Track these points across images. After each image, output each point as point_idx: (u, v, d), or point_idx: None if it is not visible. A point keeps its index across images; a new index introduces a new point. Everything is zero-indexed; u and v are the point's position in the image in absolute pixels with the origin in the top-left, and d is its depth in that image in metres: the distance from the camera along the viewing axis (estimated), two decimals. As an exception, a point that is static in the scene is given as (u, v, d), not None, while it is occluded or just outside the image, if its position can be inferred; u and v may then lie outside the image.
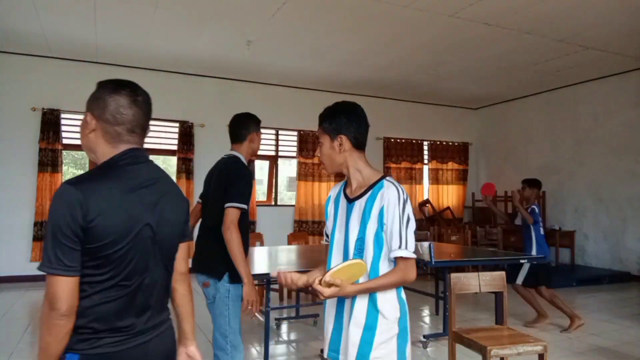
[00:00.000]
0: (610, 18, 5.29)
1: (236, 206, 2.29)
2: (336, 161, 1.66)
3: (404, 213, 1.53)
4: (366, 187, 1.60)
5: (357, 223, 1.58)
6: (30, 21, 5.52)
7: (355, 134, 1.64)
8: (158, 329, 1.30)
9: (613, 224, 7.56)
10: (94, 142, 1.26)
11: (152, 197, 1.25)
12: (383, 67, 7.31)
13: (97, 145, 1.26)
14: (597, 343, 4.11)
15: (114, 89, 1.29)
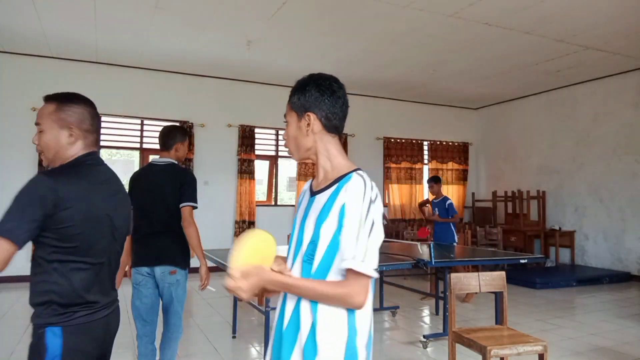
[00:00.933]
0: (610, 18, 5.29)
1: (192, 205, 2.74)
2: (303, 145, 1.33)
3: (368, 215, 1.19)
4: (333, 180, 1.28)
5: (313, 222, 1.25)
6: (30, 21, 5.52)
7: (327, 113, 1.33)
8: (113, 305, 1.57)
9: (613, 224, 7.56)
10: (64, 147, 1.53)
11: (110, 192, 1.54)
12: (383, 66, 7.31)
13: (69, 149, 1.53)
14: (597, 343, 4.11)
15: (88, 103, 1.63)
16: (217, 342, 4.06)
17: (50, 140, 1.51)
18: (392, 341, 4.25)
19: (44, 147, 1.52)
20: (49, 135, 1.51)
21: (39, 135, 1.52)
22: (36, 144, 1.53)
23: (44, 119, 1.52)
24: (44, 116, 1.52)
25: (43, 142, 1.51)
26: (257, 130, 8.16)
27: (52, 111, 1.52)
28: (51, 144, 1.51)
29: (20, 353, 3.72)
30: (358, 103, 9.00)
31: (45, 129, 1.51)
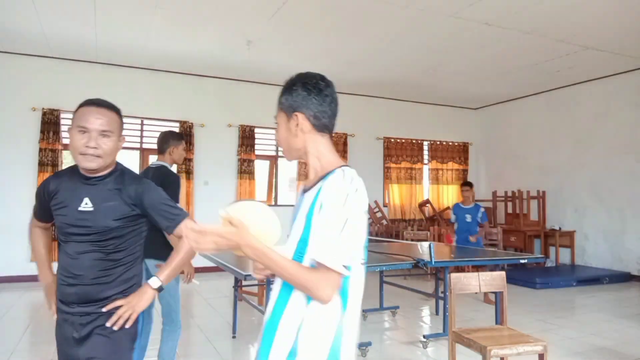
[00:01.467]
0: (610, 18, 5.29)
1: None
2: (293, 145, 1.31)
3: (343, 210, 1.12)
4: (320, 177, 1.26)
5: (303, 221, 1.24)
6: (30, 21, 5.52)
7: (316, 112, 1.29)
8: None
9: (613, 224, 7.56)
10: (116, 153, 1.76)
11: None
12: (383, 67, 7.31)
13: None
14: (597, 343, 4.11)
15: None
16: (217, 342, 4.06)
17: (114, 147, 1.65)
18: (392, 341, 4.25)
19: (107, 153, 1.62)
20: (114, 143, 1.64)
21: (103, 141, 1.61)
22: (94, 147, 1.59)
23: (113, 127, 1.64)
24: (113, 124, 1.65)
25: (109, 148, 1.62)
26: (257, 130, 8.16)
27: (119, 121, 1.69)
28: (114, 150, 1.65)
29: (20, 353, 3.72)
30: (358, 103, 9.00)
31: (113, 137, 1.64)
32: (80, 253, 1.62)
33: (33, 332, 4.31)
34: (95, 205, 1.63)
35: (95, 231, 1.62)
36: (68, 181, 1.68)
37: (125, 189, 1.68)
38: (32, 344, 4.02)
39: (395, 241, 5.75)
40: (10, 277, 6.32)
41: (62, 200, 1.65)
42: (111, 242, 1.65)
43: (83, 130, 1.59)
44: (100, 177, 1.66)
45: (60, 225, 1.65)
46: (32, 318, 4.84)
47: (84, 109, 1.64)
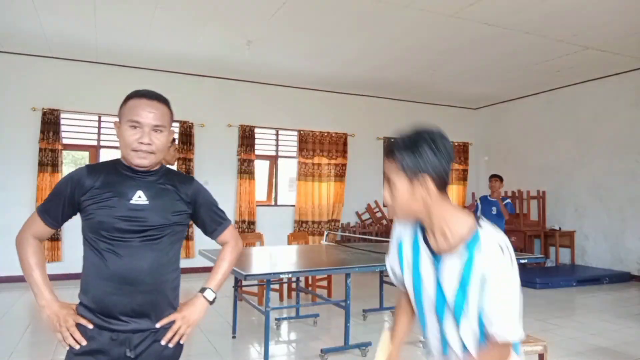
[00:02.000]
0: (610, 18, 5.29)
1: None
2: (413, 208, 1.23)
3: (513, 285, 1.15)
4: (457, 243, 1.20)
5: (455, 282, 1.20)
6: (30, 21, 5.52)
7: (442, 173, 1.20)
8: None
9: (613, 224, 7.56)
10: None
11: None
12: (383, 67, 7.31)
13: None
14: (597, 343, 4.11)
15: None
16: (217, 342, 4.06)
17: (166, 142, 1.54)
18: (392, 341, 4.25)
19: (160, 149, 1.51)
20: (166, 138, 1.53)
21: (157, 136, 1.49)
22: (148, 143, 1.47)
23: (166, 121, 1.52)
24: (166, 118, 1.52)
25: (162, 144, 1.51)
26: (257, 130, 8.16)
27: (170, 114, 1.56)
28: (166, 146, 1.54)
29: (20, 353, 3.72)
30: (358, 103, 9.01)
31: (165, 132, 1.52)
32: (136, 253, 1.44)
33: (33, 332, 4.31)
34: (150, 199, 1.48)
35: (150, 226, 1.46)
36: (112, 174, 1.50)
37: (181, 186, 1.58)
38: (32, 344, 4.02)
39: (395, 241, 5.73)
40: (10, 277, 6.32)
41: (107, 191, 1.45)
42: (165, 239, 1.50)
43: (135, 125, 1.45)
44: (151, 172, 1.54)
45: (103, 220, 1.42)
46: (32, 318, 4.84)
47: (134, 102, 1.48)
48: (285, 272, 3.46)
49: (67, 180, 1.49)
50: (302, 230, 8.15)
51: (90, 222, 1.45)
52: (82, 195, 1.46)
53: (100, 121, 7.23)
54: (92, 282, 1.46)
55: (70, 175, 1.50)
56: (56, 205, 1.49)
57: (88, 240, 1.47)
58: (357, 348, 3.78)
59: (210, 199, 1.66)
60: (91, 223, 1.45)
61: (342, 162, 8.69)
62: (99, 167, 1.52)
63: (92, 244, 1.46)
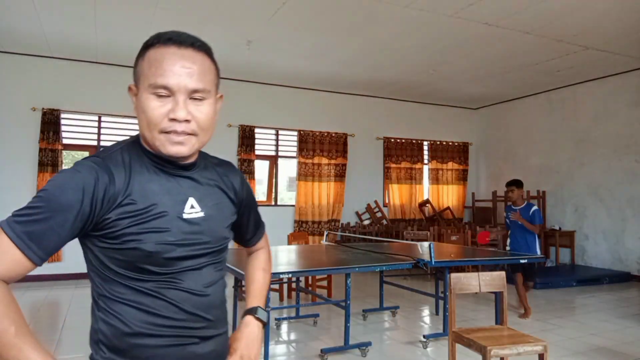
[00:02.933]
0: (610, 18, 5.29)
1: None
2: None
3: None
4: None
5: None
6: (30, 21, 5.52)
7: None
8: None
9: (613, 224, 7.56)
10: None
11: None
12: (383, 67, 7.31)
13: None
14: (597, 343, 4.11)
15: None
16: (217, 342, 4.05)
17: (212, 116, 1.01)
18: (392, 341, 4.25)
19: (204, 126, 0.99)
20: (211, 109, 1.00)
21: (198, 108, 0.97)
22: (186, 120, 0.95)
23: (211, 82, 1.00)
24: (211, 76, 1.00)
25: (207, 118, 0.99)
26: (257, 130, 8.16)
27: (215, 71, 1.04)
28: (212, 122, 1.02)
29: (20, 353, 3.72)
30: (358, 103, 9.01)
31: (211, 98, 1.00)
32: (209, 285, 1.04)
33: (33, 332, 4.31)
34: (205, 208, 1.04)
35: (212, 248, 1.05)
36: (143, 171, 0.99)
37: (224, 177, 1.13)
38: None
39: (395, 241, 5.75)
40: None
41: (149, 202, 0.96)
42: (223, 257, 1.13)
43: (161, 93, 0.94)
44: (194, 163, 1.06)
45: (153, 251, 0.94)
46: (32, 318, 4.84)
47: (158, 52, 0.97)
48: (285, 272, 3.46)
49: (75, 184, 0.90)
50: (302, 230, 8.15)
51: (124, 253, 0.94)
52: (109, 210, 0.93)
53: (100, 121, 7.23)
54: (134, 336, 0.95)
55: (78, 174, 0.92)
56: (51, 227, 0.88)
57: (113, 274, 0.97)
58: (357, 348, 3.78)
59: (252, 193, 1.24)
60: (127, 254, 0.94)
61: (342, 162, 8.69)
62: (119, 159, 0.98)
63: (124, 282, 0.96)
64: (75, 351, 3.77)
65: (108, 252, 0.95)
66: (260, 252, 1.35)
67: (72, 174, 0.92)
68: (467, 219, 9.88)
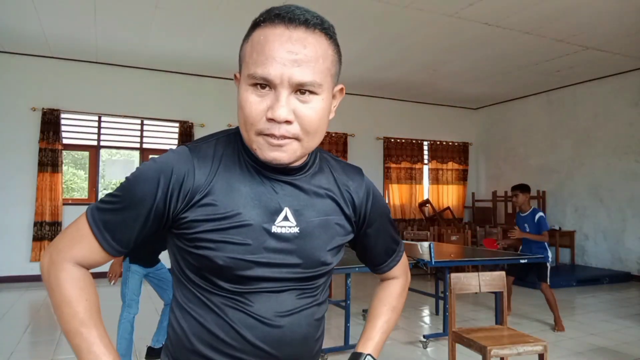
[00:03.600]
0: (610, 18, 5.29)
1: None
2: None
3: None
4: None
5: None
6: (30, 21, 5.52)
7: None
8: None
9: (613, 224, 7.56)
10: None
11: None
12: (383, 67, 7.31)
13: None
14: (597, 343, 4.11)
15: None
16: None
17: (324, 116, 0.82)
18: (392, 341, 4.25)
19: (313, 128, 0.80)
20: (325, 105, 0.82)
21: (305, 104, 0.78)
22: (286, 120, 0.77)
23: (324, 74, 0.80)
24: (326, 64, 0.80)
25: (316, 118, 0.80)
26: (257, 130, 8.15)
27: (335, 57, 0.83)
28: (324, 123, 0.83)
29: (20, 353, 3.72)
30: (358, 103, 9.00)
31: (324, 94, 0.81)
32: (286, 314, 0.86)
33: (33, 332, 4.31)
34: (303, 223, 0.86)
35: (301, 274, 0.87)
36: (235, 170, 0.85)
37: (346, 186, 0.93)
38: (32, 344, 4.02)
39: (395, 241, 5.73)
40: (10, 277, 6.32)
41: (234, 209, 0.82)
42: (323, 283, 0.93)
43: (259, 83, 0.77)
44: (300, 167, 0.88)
45: (225, 266, 0.81)
46: (32, 318, 4.84)
47: (264, 32, 0.78)
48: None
49: (152, 175, 0.81)
50: (302, 230, 8.14)
51: (196, 258, 0.83)
52: (186, 209, 0.81)
53: (100, 121, 7.22)
54: (194, 353, 0.85)
55: (157, 165, 0.82)
56: (125, 220, 0.82)
57: (186, 278, 0.87)
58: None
59: (386, 210, 1.01)
60: (199, 261, 0.83)
61: (342, 162, 8.67)
62: (209, 151, 0.85)
63: (195, 289, 0.86)
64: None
65: (184, 253, 0.85)
66: (393, 283, 1.08)
67: (153, 163, 0.83)
68: (467, 219, 9.88)
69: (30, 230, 6.59)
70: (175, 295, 0.90)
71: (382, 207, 0.98)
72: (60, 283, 0.81)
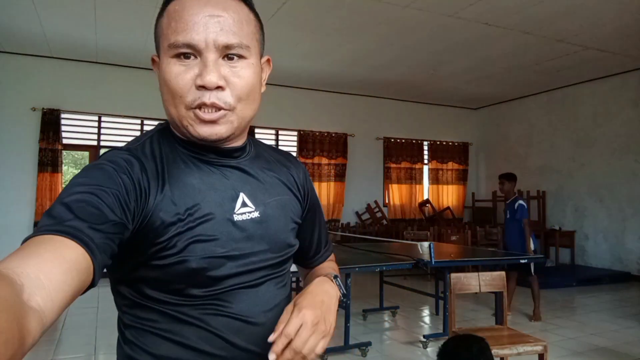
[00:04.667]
0: (610, 18, 5.29)
1: None
2: None
3: None
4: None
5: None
6: (30, 21, 5.52)
7: None
8: None
9: (613, 224, 7.56)
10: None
11: None
12: (383, 67, 7.31)
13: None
14: (597, 343, 4.11)
15: None
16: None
17: (257, 81, 0.77)
18: (392, 341, 4.25)
19: (245, 93, 0.74)
20: (255, 71, 0.77)
21: (235, 71, 0.73)
22: (217, 86, 0.71)
23: (251, 36, 0.76)
24: (250, 28, 0.77)
25: (248, 80, 0.74)
26: (257, 130, 8.16)
27: (257, 24, 0.81)
28: (257, 89, 0.78)
29: (20, 353, 3.72)
30: (358, 103, 9.00)
31: (252, 59, 0.76)
32: (270, 308, 0.81)
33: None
34: (261, 206, 0.81)
35: (271, 260, 0.81)
36: (181, 164, 0.77)
37: (286, 167, 0.90)
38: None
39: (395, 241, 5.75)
40: (10, 277, 6.31)
41: (193, 204, 0.74)
42: (287, 269, 0.88)
43: (184, 52, 0.71)
44: (242, 148, 0.83)
45: (197, 268, 0.72)
46: (32, 318, 4.84)
47: (179, 2, 0.72)
48: (285, 272, 3.45)
49: (109, 161, 0.71)
50: (302, 230, 8.14)
51: (163, 271, 0.72)
52: (147, 217, 0.70)
53: (100, 121, 7.22)
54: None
55: (112, 159, 0.71)
56: (99, 198, 0.64)
57: (147, 300, 0.75)
58: (357, 348, 3.78)
59: (317, 198, 0.98)
60: (168, 271, 0.72)
61: (342, 162, 8.69)
62: (146, 151, 0.77)
63: (159, 307, 0.75)
64: (75, 351, 3.77)
65: (143, 271, 0.73)
66: (326, 263, 1.01)
67: (107, 159, 0.72)
68: (467, 219, 9.88)
69: (30, 230, 6.59)
70: (130, 327, 0.76)
71: (315, 191, 0.96)
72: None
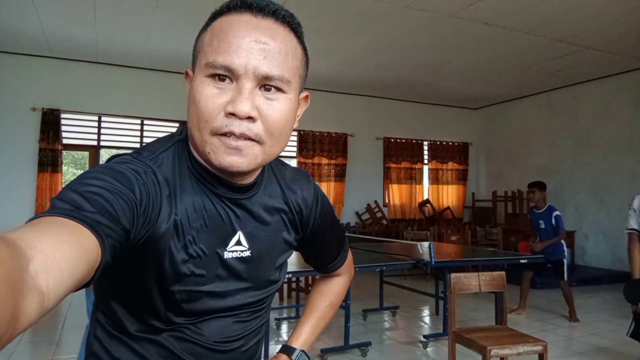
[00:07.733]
0: (610, 18, 5.29)
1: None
2: None
3: None
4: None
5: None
6: (30, 21, 5.52)
7: None
8: None
9: (613, 224, 7.55)
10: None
11: None
12: (383, 67, 7.31)
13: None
14: (597, 343, 4.11)
15: None
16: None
17: (291, 118, 0.72)
18: (392, 341, 4.25)
19: (277, 129, 0.69)
20: (292, 107, 0.71)
21: (270, 103, 0.68)
22: (248, 117, 0.65)
23: (292, 70, 0.70)
24: (295, 62, 0.71)
25: (281, 119, 0.69)
26: (257, 130, 8.16)
27: (302, 58, 0.73)
28: (289, 127, 0.72)
29: (20, 353, 3.72)
30: (358, 103, 9.01)
31: (291, 94, 0.70)
32: (239, 336, 0.82)
33: (33, 332, 4.31)
34: (254, 246, 0.78)
35: (252, 297, 0.81)
36: (190, 189, 0.72)
37: (292, 192, 0.85)
38: (32, 344, 4.02)
39: (395, 241, 5.75)
40: (10, 277, 6.32)
41: (188, 235, 0.71)
42: (268, 302, 0.88)
43: (219, 74, 0.66)
44: (252, 183, 0.77)
45: (187, 299, 0.73)
46: (32, 318, 4.84)
47: (227, 20, 0.67)
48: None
49: (129, 169, 0.65)
50: (302, 230, 8.13)
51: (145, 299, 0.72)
52: (145, 225, 0.64)
53: (100, 121, 7.23)
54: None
55: (135, 168, 0.66)
56: (114, 197, 0.59)
57: (118, 310, 0.75)
58: (357, 348, 3.78)
59: (332, 210, 0.95)
60: (151, 285, 0.71)
61: (342, 162, 8.69)
62: (169, 166, 0.72)
63: (131, 319, 0.75)
64: (75, 351, 3.76)
65: (118, 285, 0.74)
66: (336, 280, 1.05)
67: (123, 163, 0.67)
68: (467, 219, 9.88)
69: (30, 230, 6.57)
70: (102, 326, 0.78)
71: (329, 210, 0.93)
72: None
